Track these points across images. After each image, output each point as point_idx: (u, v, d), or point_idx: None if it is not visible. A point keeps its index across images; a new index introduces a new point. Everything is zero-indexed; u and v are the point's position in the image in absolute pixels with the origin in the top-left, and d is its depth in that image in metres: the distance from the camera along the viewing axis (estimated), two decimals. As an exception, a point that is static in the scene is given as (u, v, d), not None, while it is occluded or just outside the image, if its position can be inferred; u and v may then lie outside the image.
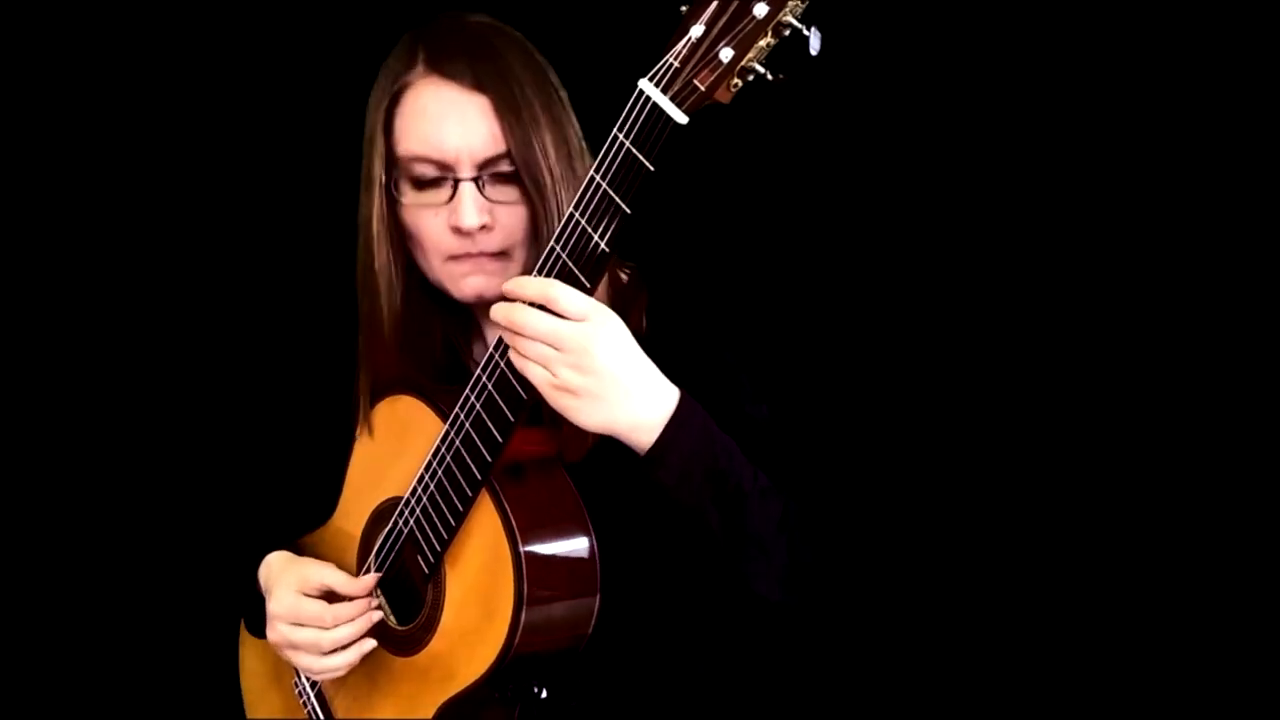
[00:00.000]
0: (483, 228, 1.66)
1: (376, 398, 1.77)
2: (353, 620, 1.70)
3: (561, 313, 1.47)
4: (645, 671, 1.77)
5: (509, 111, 1.64)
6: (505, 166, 1.65)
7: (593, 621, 1.64)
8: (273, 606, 1.74)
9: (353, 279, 1.78)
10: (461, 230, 1.66)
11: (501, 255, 1.69)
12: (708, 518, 1.55)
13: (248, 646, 1.98)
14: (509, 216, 1.67)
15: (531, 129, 1.63)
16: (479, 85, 1.64)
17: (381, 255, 1.72)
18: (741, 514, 1.56)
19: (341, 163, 1.85)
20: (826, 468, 1.72)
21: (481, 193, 1.66)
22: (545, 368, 1.48)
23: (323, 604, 1.72)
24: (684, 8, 1.41)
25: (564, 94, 1.69)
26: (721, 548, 1.57)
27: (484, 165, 1.65)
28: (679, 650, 1.79)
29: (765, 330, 1.83)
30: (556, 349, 1.47)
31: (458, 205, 1.66)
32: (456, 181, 1.65)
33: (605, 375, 1.48)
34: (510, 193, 1.67)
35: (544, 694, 1.67)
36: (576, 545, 1.63)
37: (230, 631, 2.00)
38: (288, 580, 1.75)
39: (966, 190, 2.22)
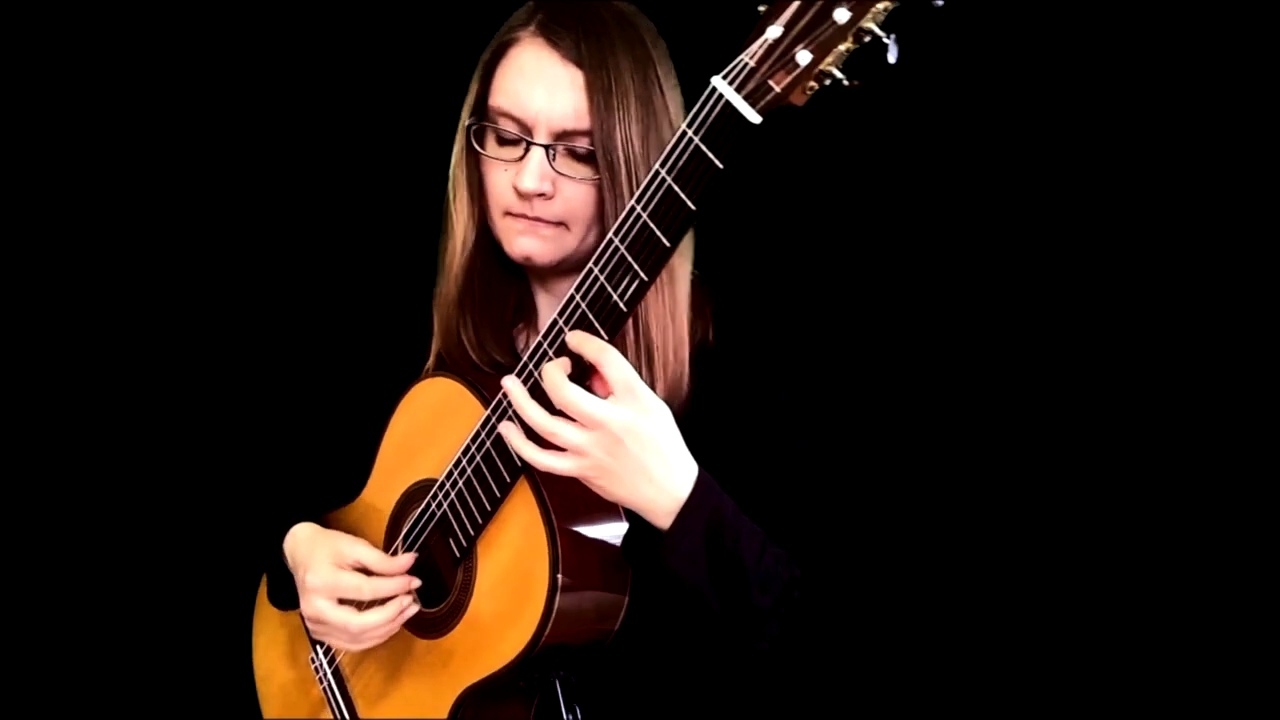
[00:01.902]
0: (542, 195, 1.67)
1: (436, 369, 1.76)
2: (392, 595, 1.70)
3: (606, 379, 1.50)
4: (666, 668, 1.76)
5: (599, 91, 1.64)
6: (581, 143, 1.66)
7: (622, 615, 1.65)
8: (311, 579, 1.73)
9: (397, 258, 1.79)
10: (520, 192, 1.67)
11: (559, 225, 1.70)
12: (707, 599, 1.59)
13: (262, 620, 1.97)
14: (573, 190, 1.68)
15: (619, 113, 1.63)
16: (577, 58, 1.65)
17: (459, 198, 1.75)
18: (743, 594, 1.59)
19: (398, 136, 1.85)
20: (857, 544, 1.74)
21: (551, 162, 1.66)
22: (569, 449, 1.51)
23: (361, 577, 1.71)
24: (761, 7, 1.40)
25: (669, 83, 1.69)
26: (717, 620, 1.60)
27: (560, 136, 1.66)
28: (701, 648, 1.79)
29: (822, 352, 1.83)
30: (588, 429, 1.50)
31: (523, 167, 1.67)
32: (530, 145, 1.66)
33: (630, 459, 1.52)
34: (579, 169, 1.67)
35: (573, 680, 1.67)
36: (612, 535, 1.63)
37: (244, 607, 2.00)
38: (322, 554, 1.74)
39: (1031, 208, 2.24)
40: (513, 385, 1.57)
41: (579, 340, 1.52)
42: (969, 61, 2.16)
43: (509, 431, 1.57)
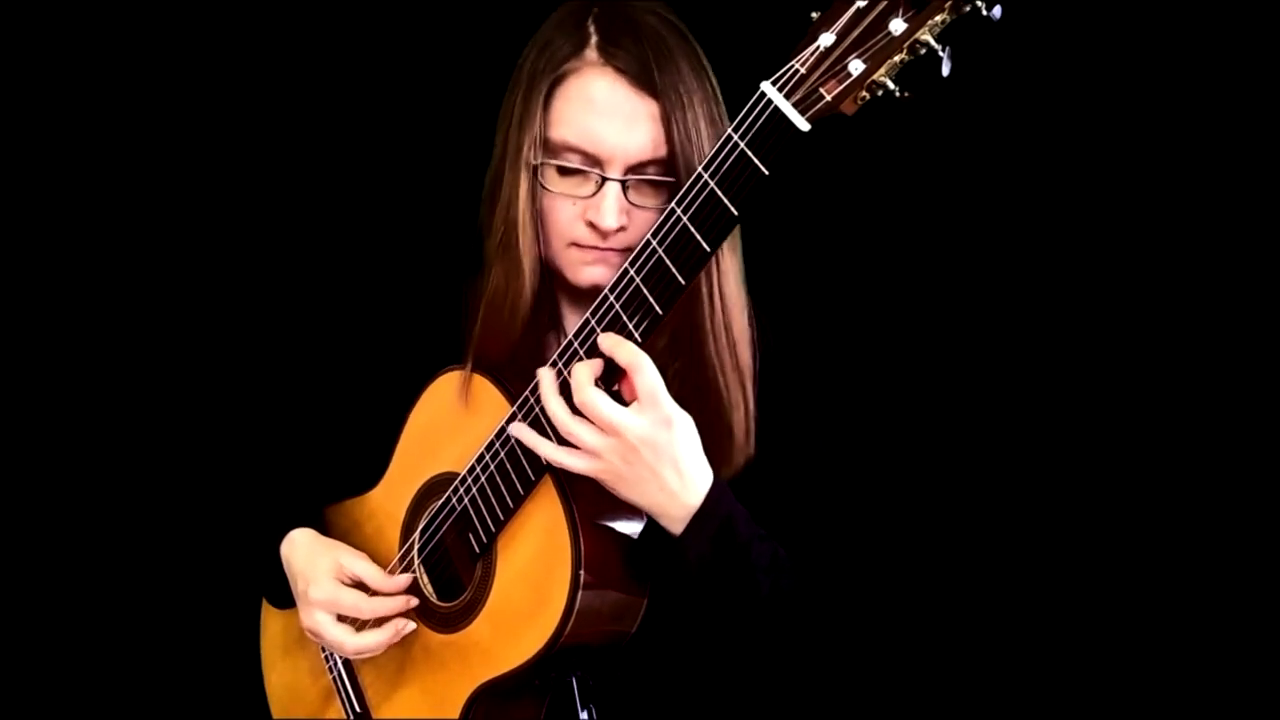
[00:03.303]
0: (621, 228, 1.64)
1: (444, 370, 1.75)
2: (389, 617, 1.71)
3: (634, 385, 1.50)
4: (680, 671, 1.76)
5: (675, 120, 1.60)
6: (654, 172, 1.62)
7: (640, 617, 1.64)
8: (313, 593, 1.72)
9: (416, 249, 1.76)
10: (598, 228, 1.64)
11: (626, 251, 1.65)
12: (718, 599, 1.61)
13: (271, 609, 1.95)
14: (643, 219, 1.63)
15: (693, 138, 1.60)
16: (652, 89, 1.60)
17: (527, 236, 1.67)
18: (750, 601, 1.61)
19: (413, 126, 1.83)
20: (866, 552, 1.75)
21: (625, 195, 1.63)
22: (588, 451, 1.53)
23: (360, 595, 1.71)
24: (814, 14, 1.39)
25: (717, 90, 1.66)
26: (728, 624, 1.64)
27: (634, 168, 1.62)
28: (718, 647, 1.78)
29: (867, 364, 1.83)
30: (606, 434, 1.51)
31: (599, 203, 1.63)
32: (604, 179, 1.62)
33: (644, 468, 1.53)
34: (651, 198, 1.64)
35: (590, 681, 1.66)
36: (634, 537, 1.63)
37: (253, 595, 1.98)
38: (323, 566, 1.73)
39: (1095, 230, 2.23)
40: (545, 375, 1.56)
41: (613, 344, 1.51)
42: (1011, 75, 2.14)
43: (521, 431, 1.58)
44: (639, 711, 1.73)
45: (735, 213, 1.43)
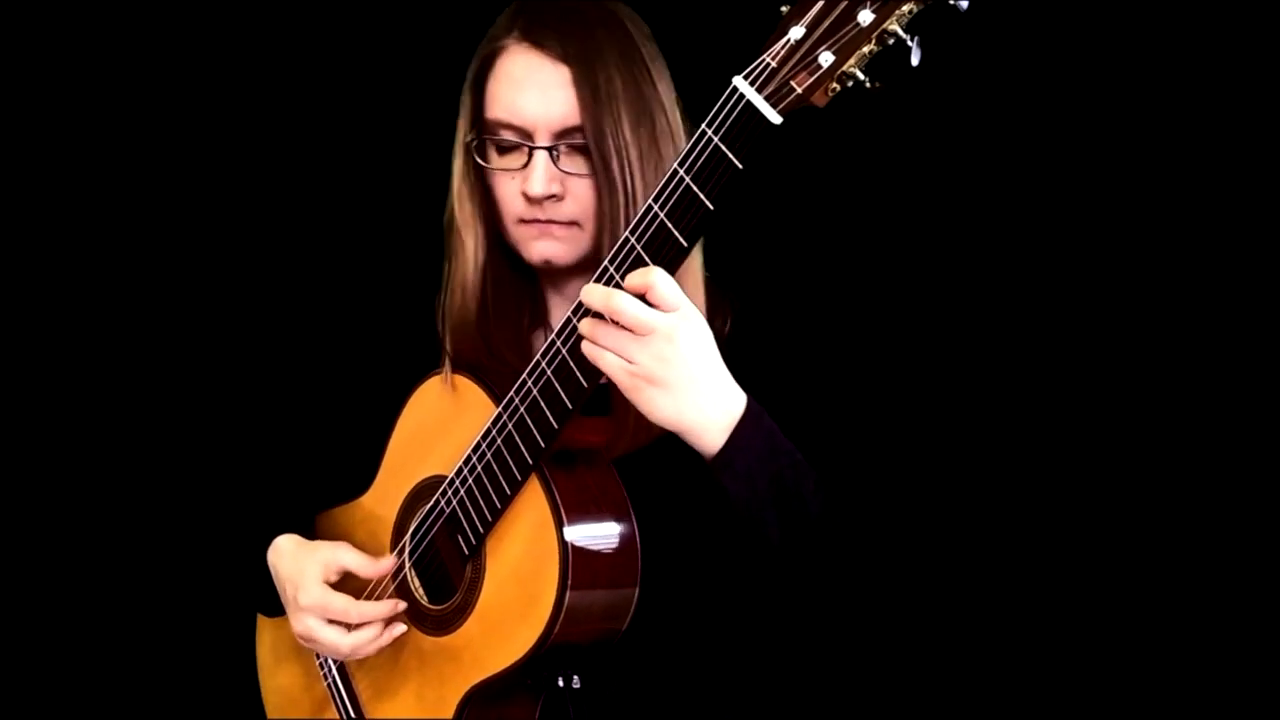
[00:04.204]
0: (552, 197, 1.67)
1: (433, 373, 1.76)
2: (378, 619, 1.71)
3: (656, 301, 1.46)
4: (675, 667, 1.76)
5: (587, 85, 1.64)
6: (580, 139, 1.66)
7: (630, 614, 1.64)
8: (302, 598, 1.73)
9: (405, 254, 1.79)
10: (530, 197, 1.67)
11: (572, 224, 1.69)
12: (767, 523, 1.55)
13: (265, 620, 1.96)
14: (581, 188, 1.67)
15: (607, 105, 1.63)
16: (564, 56, 1.65)
17: (464, 213, 1.74)
18: (802, 520, 1.56)
19: (398, 143, 1.86)
20: (870, 488, 1.73)
21: (555, 163, 1.66)
22: (621, 355, 1.47)
23: (349, 599, 1.72)
24: (784, 8, 1.40)
25: (658, 71, 1.68)
26: (774, 549, 1.57)
27: (561, 135, 1.66)
28: (709, 648, 1.78)
29: (835, 341, 1.83)
30: (642, 335, 1.46)
31: (529, 173, 1.67)
32: (532, 149, 1.66)
33: (683, 368, 1.47)
34: (584, 165, 1.67)
35: (576, 683, 1.67)
36: (621, 535, 1.63)
37: (242, 607, 1.99)
38: (310, 571, 1.74)
39: (1063, 216, 2.25)
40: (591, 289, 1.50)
41: (628, 279, 1.47)
42: (984, 63, 2.16)
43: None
44: (632, 710, 1.73)
45: (711, 207, 1.44)
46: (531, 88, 1.66)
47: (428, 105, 1.96)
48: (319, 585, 1.72)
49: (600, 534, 1.62)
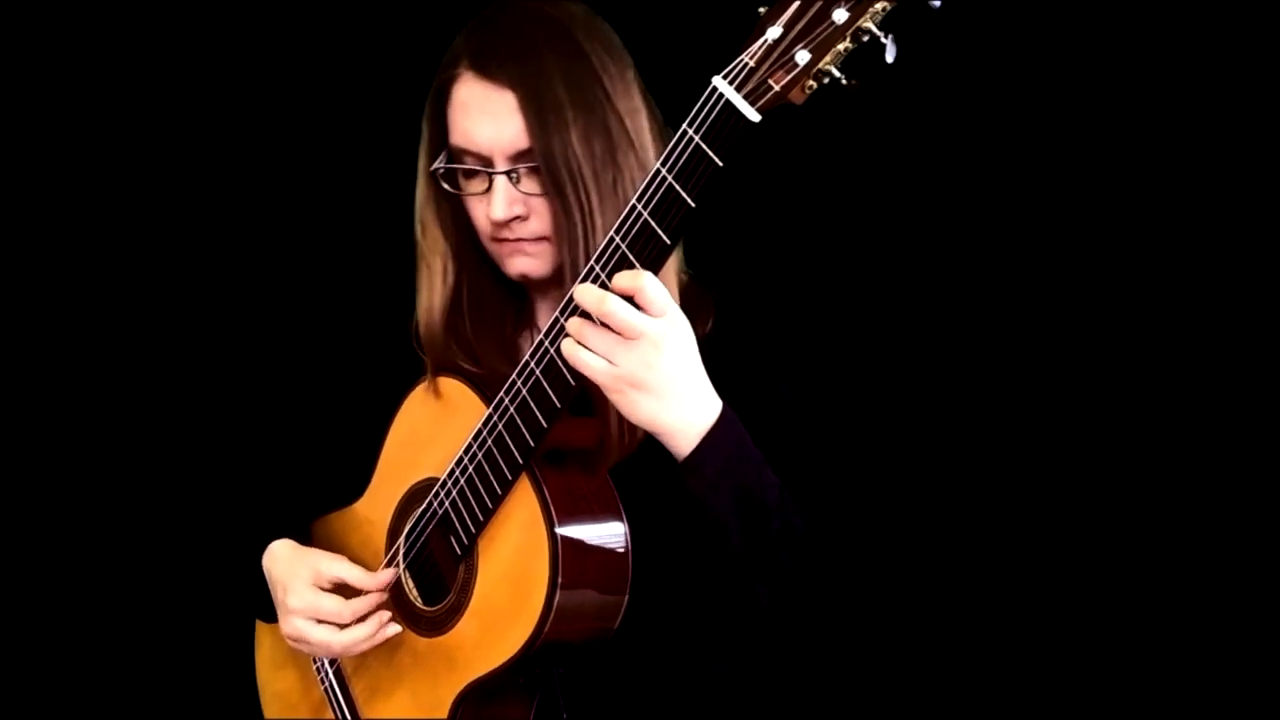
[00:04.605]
0: (517, 218, 1.70)
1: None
2: (369, 617, 1.73)
3: (645, 304, 1.49)
4: (666, 666, 1.77)
5: (532, 108, 1.66)
6: (535, 160, 1.68)
7: (621, 614, 1.65)
8: (292, 601, 1.75)
9: (393, 264, 1.82)
10: (494, 222, 1.70)
11: (541, 240, 1.72)
12: (728, 530, 1.59)
13: (264, 626, 1.97)
14: (545, 206, 1.70)
15: (555, 124, 1.65)
16: (508, 81, 1.67)
17: (427, 240, 1.78)
18: (760, 531, 1.59)
19: (386, 149, 1.88)
20: (845, 486, 1.75)
21: (516, 186, 1.69)
22: (606, 358, 1.50)
23: (340, 599, 1.73)
24: (761, 9, 1.43)
25: (613, 81, 1.69)
26: (736, 557, 1.61)
27: (516, 158, 1.68)
28: (699, 646, 1.80)
29: (816, 339, 1.85)
30: (629, 339, 1.49)
31: (491, 198, 1.70)
32: (492, 175, 1.70)
33: (666, 374, 1.50)
34: (541, 185, 1.69)
35: (573, 678, 1.68)
36: (612, 534, 1.65)
37: (240, 615, 2.01)
38: (301, 574, 1.76)
39: (1039, 208, 2.26)
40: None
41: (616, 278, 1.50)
42: (961, 60, 2.18)
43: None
44: (625, 708, 1.75)
45: (693, 205, 1.46)
46: (482, 115, 1.69)
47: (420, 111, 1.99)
48: (309, 587, 1.75)
49: (591, 533, 1.63)
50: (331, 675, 1.86)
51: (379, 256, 2.29)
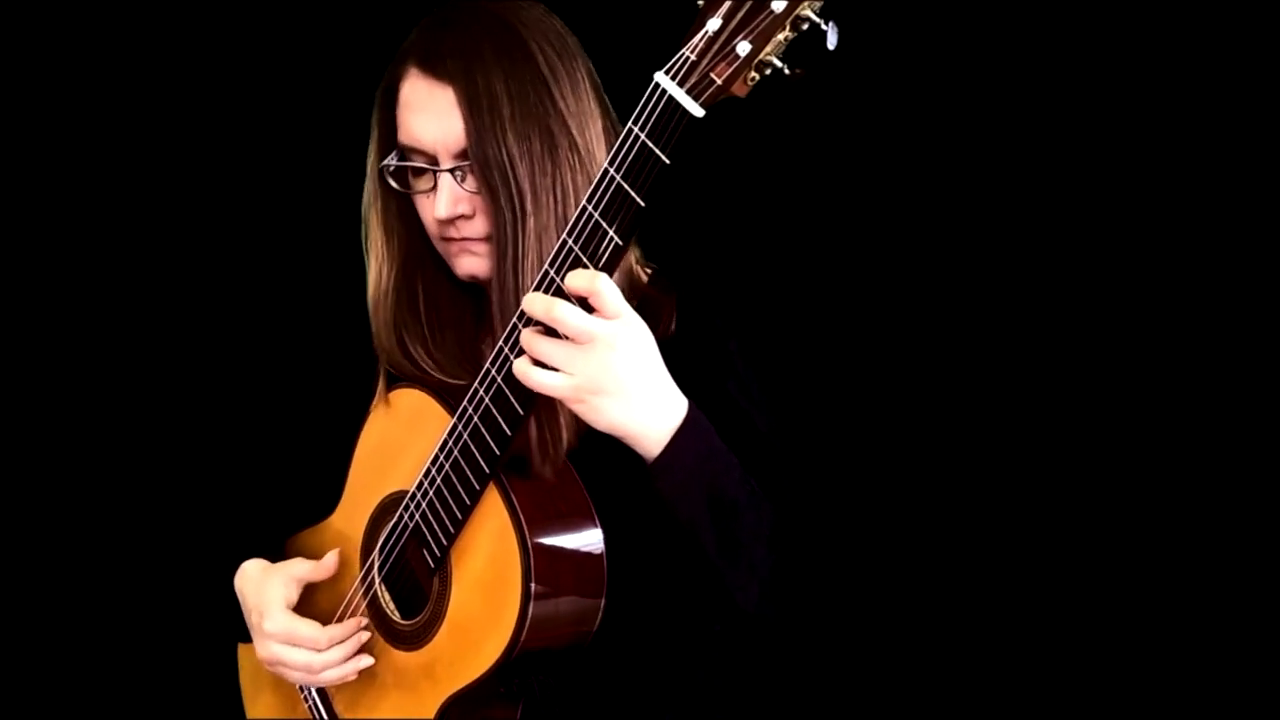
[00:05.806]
0: (462, 217, 1.68)
1: (390, 388, 1.77)
2: (345, 641, 1.72)
3: (599, 307, 1.47)
4: (648, 668, 1.76)
5: (469, 105, 1.64)
6: None
7: (599, 617, 1.64)
8: (267, 625, 1.74)
9: (345, 278, 1.81)
10: (439, 220, 1.69)
11: (488, 239, 1.69)
12: (700, 530, 1.58)
13: (247, 646, 1.96)
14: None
15: (491, 122, 1.63)
16: (449, 78, 1.65)
17: (374, 240, 1.78)
18: (734, 530, 1.58)
19: (349, 156, 1.86)
20: (820, 483, 1.74)
21: (460, 184, 1.68)
22: (562, 369, 1.48)
23: (316, 625, 1.72)
24: (700, 1, 1.41)
25: (559, 79, 1.66)
26: (711, 559, 1.59)
27: (461, 156, 1.67)
28: (680, 647, 1.79)
29: (779, 331, 1.84)
30: (583, 344, 1.47)
31: (435, 196, 1.69)
32: (437, 173, 1.68)
33: (625, 375, 1.49)
34: None
35: (554, 683, 1.67)
36: (584, 538, 1.63)
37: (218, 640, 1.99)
38: (275, 596, 1.75)
39: (985, 192, 2.24)
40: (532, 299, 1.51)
41: (570, 279, 1.48)
42: (913, 46, 2.16)
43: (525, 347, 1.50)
44: (608, 711, 1.74)
45: (642, 204, 1.45)
46: (425, 113, 1.67)
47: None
48: (284, 612, 1.73)
49: (563, 538, 1.62)
50: (315, 695, 1.84)
51: (342, 270, 2.29)
